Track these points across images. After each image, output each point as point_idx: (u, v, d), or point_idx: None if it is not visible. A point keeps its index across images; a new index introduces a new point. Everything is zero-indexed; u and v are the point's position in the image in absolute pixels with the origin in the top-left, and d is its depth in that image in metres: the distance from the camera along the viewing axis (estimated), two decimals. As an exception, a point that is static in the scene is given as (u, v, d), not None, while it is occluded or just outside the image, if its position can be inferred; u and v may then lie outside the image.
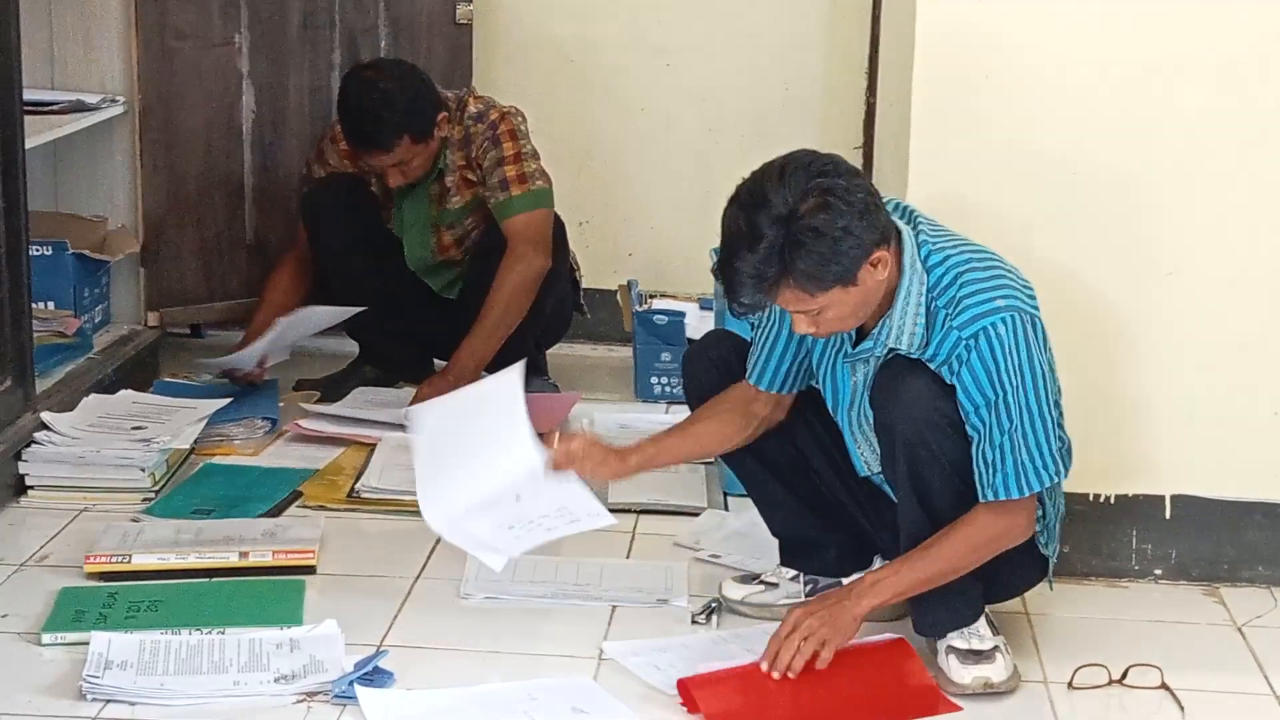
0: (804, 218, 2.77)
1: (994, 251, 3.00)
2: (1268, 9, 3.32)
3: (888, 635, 3.10)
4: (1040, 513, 3.06)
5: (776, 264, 2.79)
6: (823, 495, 3.24)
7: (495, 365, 4.60)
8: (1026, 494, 2.93)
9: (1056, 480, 2.97)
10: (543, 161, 4.50)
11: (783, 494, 3.26)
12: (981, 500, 2.93)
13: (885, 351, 2.97)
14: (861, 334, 3.00)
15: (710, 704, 2.85)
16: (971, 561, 2.96)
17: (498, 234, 4.46)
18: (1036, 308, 2.94)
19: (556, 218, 4.55)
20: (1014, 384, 2.89)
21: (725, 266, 2.83)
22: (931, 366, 2.93)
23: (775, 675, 2.91)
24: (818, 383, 3.14)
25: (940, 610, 3.03)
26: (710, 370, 3.24)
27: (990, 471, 2.90)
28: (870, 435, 3.05)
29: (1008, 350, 2.88)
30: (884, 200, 2.91)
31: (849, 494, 3.24)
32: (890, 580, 2.95)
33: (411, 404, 4.24)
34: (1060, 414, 3.02)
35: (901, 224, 2.94)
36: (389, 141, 4.35)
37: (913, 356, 2.94)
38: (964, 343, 2.88)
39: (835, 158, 2.86)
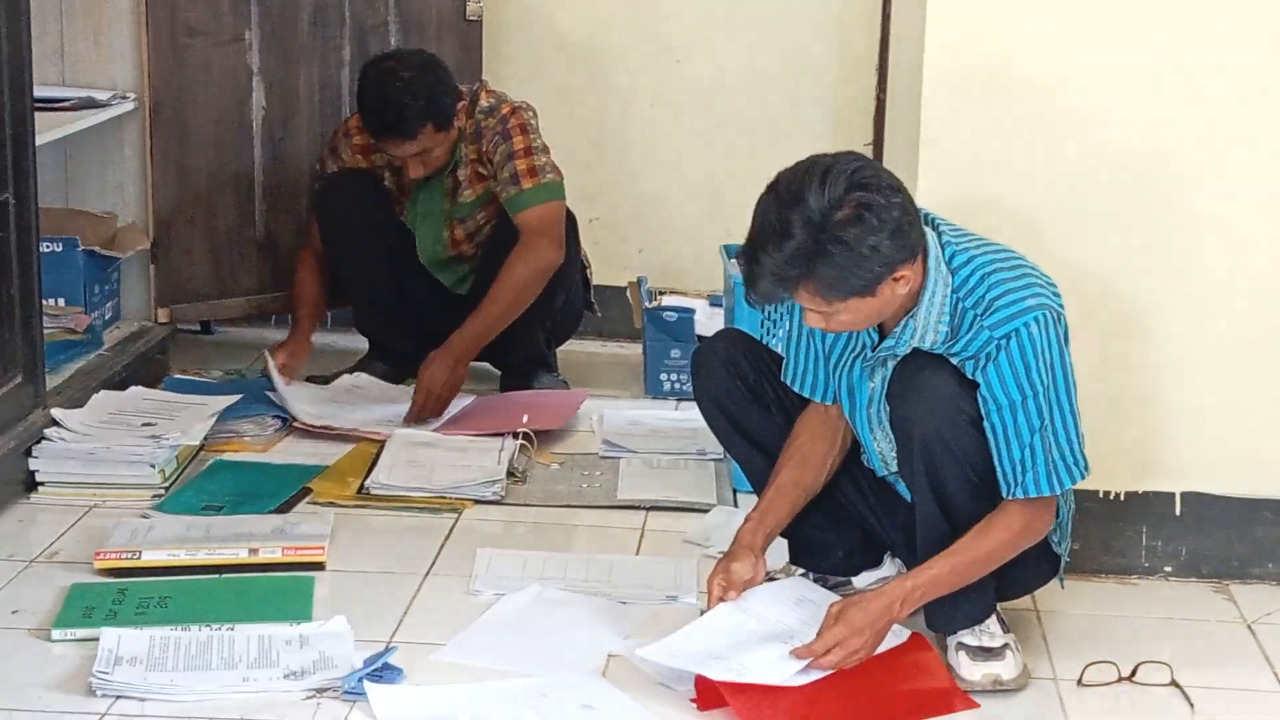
0: (835, 228, 2.75)
1: (1014, 250, 3.00)
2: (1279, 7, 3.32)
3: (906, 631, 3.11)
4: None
5: (800, 266, 2.77)
6: (832, 495, 3.23)
7: (507, 360, 4.63)
8: (1058, 491, 2.93)
9: (1085, 476, 2.97)
10: (555, 161, 4.51)
11: None
12: (1009, 498, 2.93)
13: (908, 350, 2.97)
14: (882, 333, 3.00)
15: (736, 694, 2.85)
16: (1003, 558, 2.96)
17: (509, 231, 4.46)
18: (1062, 305, 2.94)
19: (569, 213, 4.55)
20: (1045, 383, 2.89)
21: (750, 255, 2.82)
22: (954, 361, 2.92)
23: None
24: (831, 375, 3.13)
25: (953, 607, 3.03)
26: (719, 369, 3.23)
27: (1020, 470, 2.90)
28: (890, 432, 3.05)
29: (1039, 350, 2.87)
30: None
31: (858, 493, 3.23)
32: (932, 588, 2.94)
33: (412, 409, 4.29)
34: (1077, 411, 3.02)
35: (924, 227, 2.94)
36: (413, 130, 4.36)
37: (935, 352, 2.94)
38: (995, 342, 2.88)
39: (879, 169, 2.84)
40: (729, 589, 3.05)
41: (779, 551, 3.35)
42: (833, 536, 3.28)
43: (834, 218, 2.75)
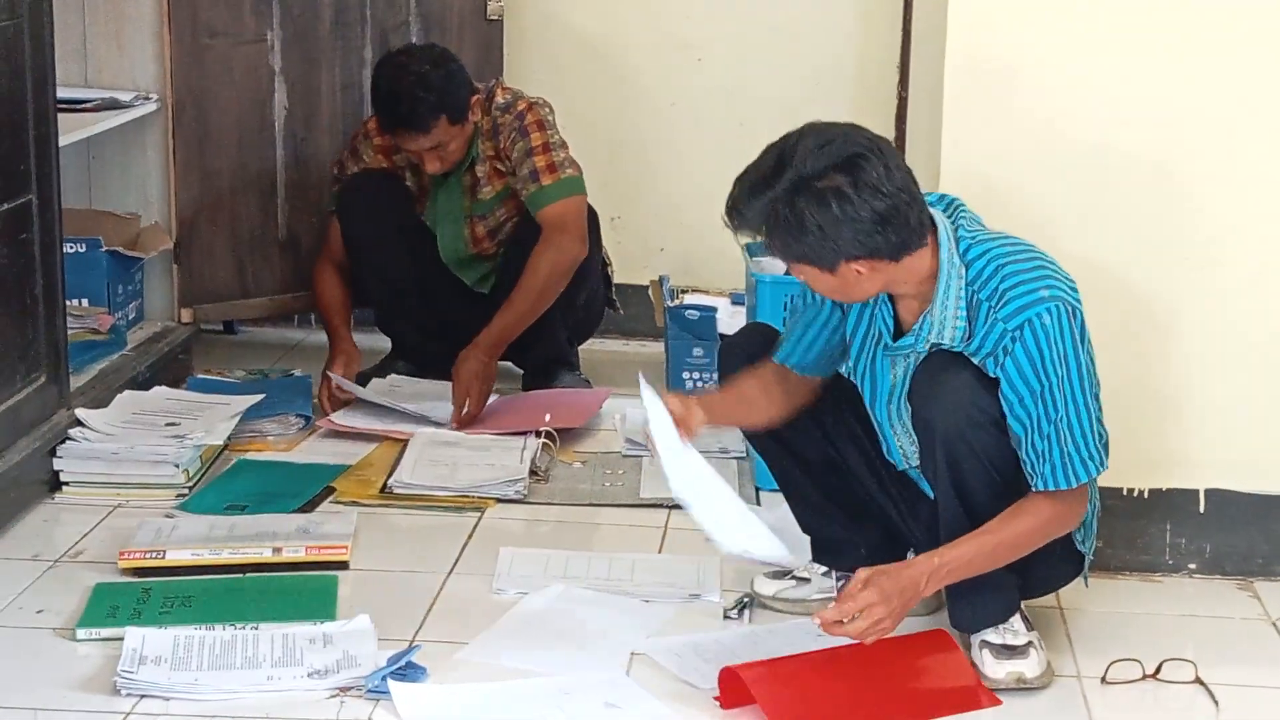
0: (801, 196, 2.80)
1: (1035, 245, 2.99)
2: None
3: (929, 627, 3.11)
4: (1080, 508, 3.06)
5: (761, 217, 2.85)
6: (855, 493, 3.23)
7: (529, 359, 4.64)
8: (1075, 484, 2.92)
9: (1102, 471, 2.96)
10: (573, 156, 4.51)
11: (815, 492, 3.26)
12: (1035, 489, 2.93)
13: (928, 347, 2.97)
14: (901, 329, 3.01)
15: (761, 690, 2.85)
16: (1031, 545, 2.95)
17: (530, 228, 4.46)
18: (1079, 300, 2.93)
19: (591, 210, 4.56)
20: (1059, 374, 2.88)
21: (739, 181, 2.90)
22: (975, 360, 2.92)
23: (828, 634, 2.92)
24: (853, 375, 3.13)
25: (977, 605, 3.03)
26: (744, 365, 3.23)
27: (1040, 462, 2.90)
28: (911, 429, 3.05)
29: (1052, 340, 2.87)
30: (920, 205, 2.87)
31: (882, 490, 3.23)
32: (959, 567, 2.92)
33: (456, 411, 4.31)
34: (1100, 407, 3.01)
35: (940, 217, 2.94)
36: (426, 123, 4.37)
37: (955, 350, 2.94)
38: (1009, 334, 2.88)
39: (884, 167, 2.81)
40: (679, 418, 3.05)
41: (802, 548, 3.35)
42: (854, 534, 3.28)
43: (807, 186, 2.80)
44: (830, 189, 2.79)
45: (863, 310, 3.08)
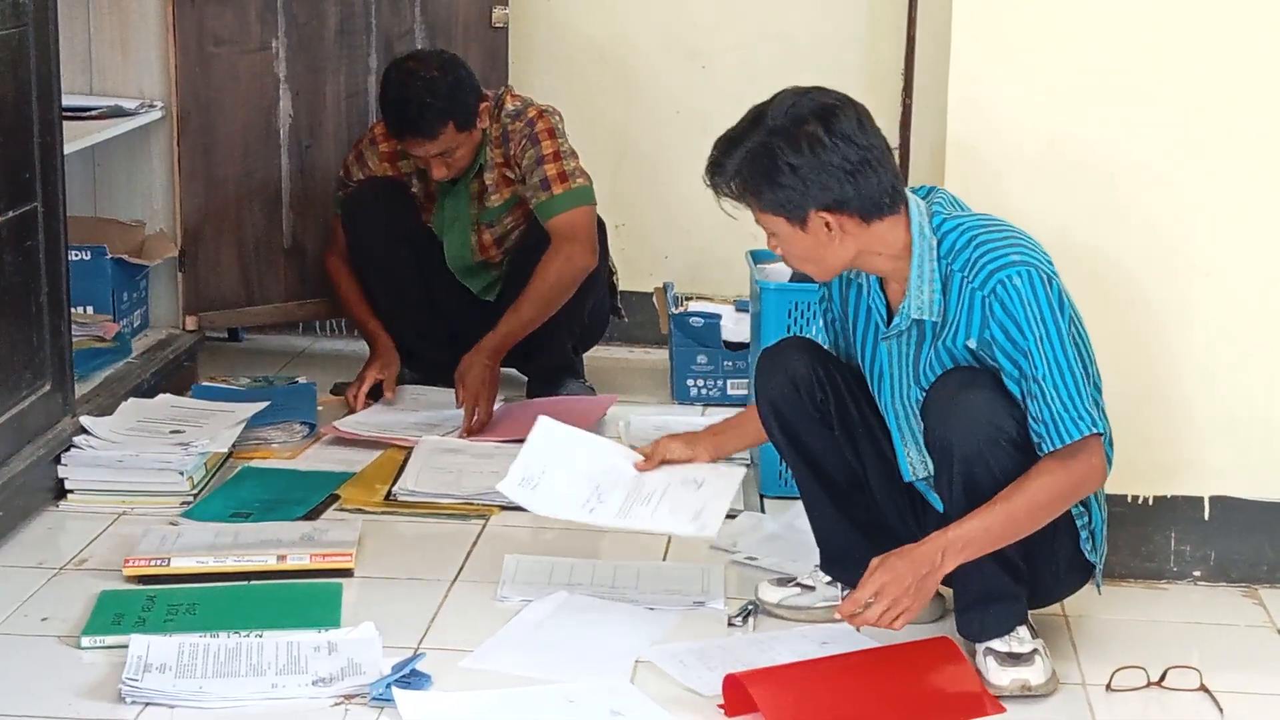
0: (775, 138, 2.90)
1: (1012, 224, 3.01)
2: (1308, 8, 3.31)
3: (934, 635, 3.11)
4: (1086, 519, 3.05)
5: (737, 168, 2.94)
6: (872, 513, 3.21)
7: (534, 366, 4.63)
8: (1067, 441, 2.89)
9: (1097, 430, 2.92)
10: (580, 161, 4.51)
11: (835, 511, 3.24)
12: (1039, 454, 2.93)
13: (910, 324, 2.99)
14: (892, 315, 3.04)
15: (764, 697, 2.85)
16: (1044, 513, 2.93)
17: (538, 236, 4.47)
18: (1054, 271, 2.94)
19: (599, 220, 4.56)
20: (1036, 334, 2.89)
21: (718, 141, 3.00)
22: (973, 344, 2.93)
23: (853, 625, 2.97)
24: (868, 376, 3.13)
25: (985, 615, 3.02)
26: (783, 379, 3.17)
27: (1036, 424, 2.91)
28: (917, 433, 3.05)
29: (1025, 301, 2.89)
30: (892, 168, 2.94)
31: (897, 512, 3.21)
32: (975, 538, 2.91)
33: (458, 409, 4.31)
34: (1099, 393, 3.01)
35: (914, 197, 2.98)
36: (433, 129, 4.37)
37: (970, 365, 2.95)
38: (985, 302, 2.90)
39: (860, 130, 2.91)
40: (652, 456, 3.32)
41: (806, 555, 3.35)
42: (867, 552, 3.25)
43: (783, 132, 2.90)
44: (805, 134, 2.89)
45: (857, 303, 3.11)
